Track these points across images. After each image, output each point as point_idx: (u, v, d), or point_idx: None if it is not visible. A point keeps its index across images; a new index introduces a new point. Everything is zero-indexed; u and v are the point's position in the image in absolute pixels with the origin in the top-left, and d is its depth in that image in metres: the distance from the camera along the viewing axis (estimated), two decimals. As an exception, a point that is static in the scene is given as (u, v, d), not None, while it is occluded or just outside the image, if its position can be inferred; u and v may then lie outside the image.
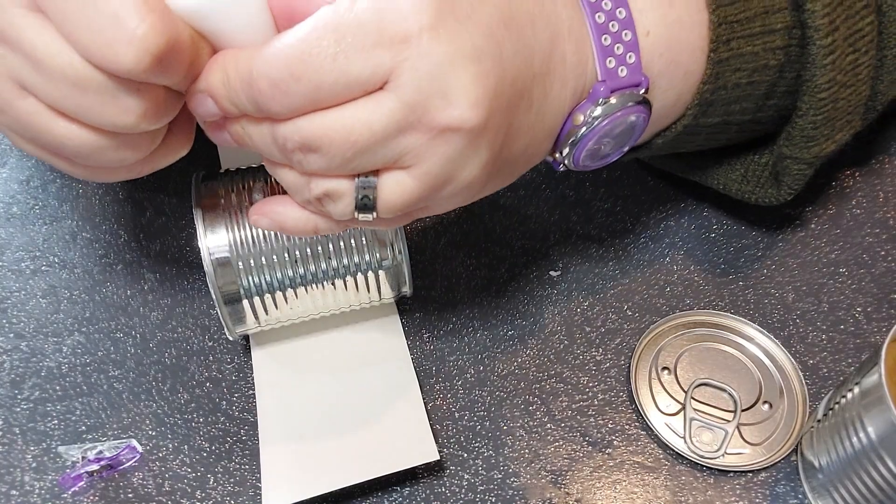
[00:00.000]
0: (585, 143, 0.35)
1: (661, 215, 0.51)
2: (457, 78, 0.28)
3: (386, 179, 0.31)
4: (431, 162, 0.30)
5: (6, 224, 0.51)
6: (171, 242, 0.50)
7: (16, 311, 0.47)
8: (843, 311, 0.46)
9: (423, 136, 0.29)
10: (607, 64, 0.34)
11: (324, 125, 0.29)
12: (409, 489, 0.40)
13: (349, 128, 0.29)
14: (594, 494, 0.40)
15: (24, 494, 0.41)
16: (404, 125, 0.29)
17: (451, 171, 0.30)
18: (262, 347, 0.45)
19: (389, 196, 0.31)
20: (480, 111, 0.29)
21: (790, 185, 0.42)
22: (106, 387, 0.44)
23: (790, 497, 0.40)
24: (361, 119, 0.28)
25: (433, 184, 0.31)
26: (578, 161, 0.36)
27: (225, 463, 0.41)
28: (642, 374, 0.44)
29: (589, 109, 0.34)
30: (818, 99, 0.38)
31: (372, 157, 0.30)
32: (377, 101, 0.28)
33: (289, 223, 0.34)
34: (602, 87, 0.34)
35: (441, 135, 0.29)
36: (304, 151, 0.30)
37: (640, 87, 0.35)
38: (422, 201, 0.31)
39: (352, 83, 0.28)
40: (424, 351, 0.45)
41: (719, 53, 0.36)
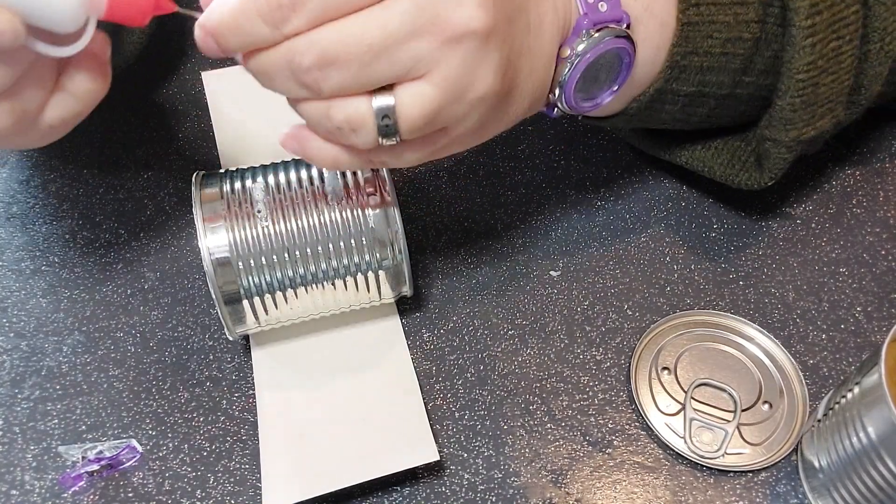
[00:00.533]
0: (574, 77, 0.36)
1: (662, 214, 0.51)
2: None
3: (404, 92, 0.31)
4: (447, 66, 0.31)
5: (6, 224, 0.51)
6: (171, 242, 0.50)
7: (16, 311, 0.47)
8: (843, 311, 0.46)
9: (437, 39, 0.30)
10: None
11: (339, 32, 0.29)
12: (409, 489, 0.40)
13: (364, 31, 0.29)
14: (594, 494, 0.40)
15: (24, 494, 0.41)
16: (417, 27, 0.29)
17: (468, 75, 0.31)
18: (262, 347, 0.45)
19: (410, 110, 0.31)
20: (488, 13, 0.30)
21: (770, 169, 0.43)
22: (106, 386, 0.44)
23: (790, 497, 0.40)
24: (375, 21, 0.29)
25: (452, 90, 0.31)
26: (570, 98, 0.37)
27: (225, 462, 0.41)
28: (642, 373, 0.44)
29: (574, 43, 0.36)
30: (797, 80, 0.39)
31: (388, 64, 0.30)
32: (389, 3, 0.29)
33: (312, 150, 0.35)
34: (585, 20, 0.35)
35: (453, 38, 0.30)
36: (321, 67, 0.30)
37: (621, 23, 0.37)
38: (442, 113, 0.32)
39: None
40: (424, 351, 0.45)
41: (688, 16, 0.38)
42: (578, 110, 0.39)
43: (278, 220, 0.39)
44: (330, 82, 0.31)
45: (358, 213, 0.40)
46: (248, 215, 0.39)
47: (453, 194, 0.52)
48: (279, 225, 0.39)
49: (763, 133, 0.42)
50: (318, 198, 0.40)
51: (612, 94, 0.39)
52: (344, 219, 0.40)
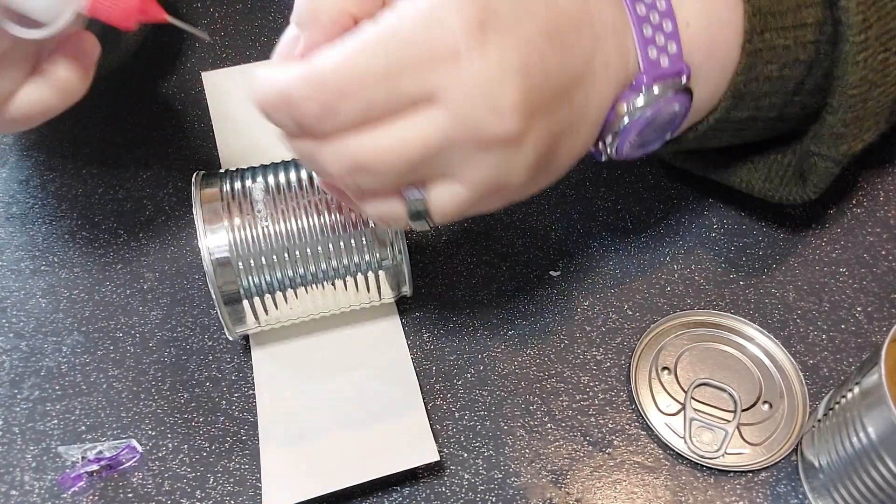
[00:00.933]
0: (629, 133, 0.35)
1: (662, 215, 0.51)
2: (504, 93, 0.29)
3: (436, 190, 0.31)
4: (480, 170, 0.30)
5: (6, 224, 0.51)
6: (171, 242, 0.50)
7: (15, 311, 0.47)
8: (843, 311, 0.46)
9: (472, 148, 0.30)
10: (649, 54, 0.34)
11: (376, 145, 0.29)
12: (409, 489, 0.40)
13: (402, 145, 0.29)
14: (594, 494, 0.40)
15: (24, 494, 0.41)
16: (455, 139, 0.29)
17: (500, 177, 0.31)
18: (262, 347, 0.45)
19: (441, 208, 0.32)
20: (523, 117, 0.29)
21: (816, 183, 0.43)
22: (105, 386, 0.44)
23: (790, 497, 0.40)
24: (415, 135, 0.29)
25: (484, 190, 0.31)
26: (622, 151, 0.36)
27: (225, 463, 0.41)
28: (642, 373, 0.44)
29: (631, 99, 0.34)
30: (849, 96, 0.38)
31: (422, 171, 0.30)
32: (428, 116, 0.29)
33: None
34: (644, 77, 0.34)
35: (487, 146, 0.30)
36: (354, 173, 0.30)
37: (681, 76, 0.35)
38: (473, 208, 0.32)
39: (402, 100, 0.28)
40: (424, 351, 0.45)
41: (754, 44, 0.37)
42: (630, 157, 0.38)
43: (278, 220, 0.39)
44: (362, 185, 0.31)
45: (358, 214, 0.40)
46: (248, 215, 0.39)
47: (453, 194, 0.52)
48: (279, 225, 0.39)
49: (810, 148, 0.42)
50: (318, 198, 0.40)
51: (662, 143, 0.38)
52: (344, 219, 0.40)
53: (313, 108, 0.29)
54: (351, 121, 0.29)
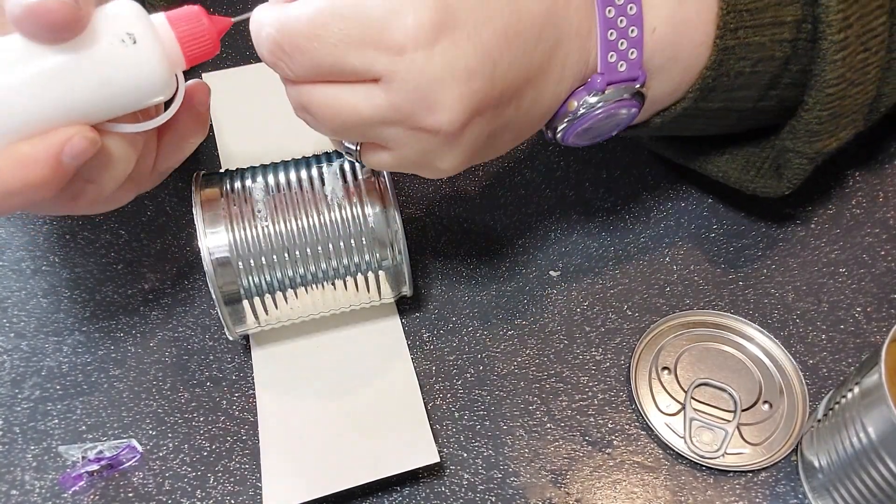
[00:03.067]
0: (575, 128, 0.37)
1: (661, 215, 0.51)
2: (443, 95, 0.30)
3: (367, 148, 0.35)
4: (408, 150, 0.33)
5: (6, 223, 0.51)
6: (172, 242, 0.50)
7: (16, 311, 0.47)
8: (843, 311, 0.46)
9: (404, 130, 0.32)
10: (608, 58, 0.35)
11: (319, 96, 0.32)
12: (409, 489, 0.40)
13: (339, 106, 0.32)
14: (594, 494, 0.40)
15: (24, 494, 0.41)
16: (388, 120, 0.32)
17: (427, 159, 0.34)
18: (263, 347, 0.45)
19: (369, 161, 0.36)
20: (460, 122, 0.31)
21: (790, 178, 0.43)
22: (106, 386, 0.44)
23: (790, 497, 0.40)
24: (351, 102, 0.32)
25: (409, 165, 0.35)
26: (567, 141, 0.38)
27: (225, 462, 0.41)
28: (642, 373, 0.44)
29: (583, 98, 0.35)
30: (826, 94, 0.38)
31: (355, 135, 0.34)
32: (368, 91, 0.31)
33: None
34: (599, 79, 0.35)
35: (420, 132, 0.32)
36: (301, 111, 0.34)
37: (636, 82, 0.36)
38: (400, 169, 0.36)
39: (346, 71, 0.31)
40: (424, 351, 0.45)
41: (725, 41, 0.37)
42: (571, 145, 0.39)
43: (278, 220, 0.39)
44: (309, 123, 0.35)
45: (358, 214, 0.40)
46: (248, 215, 0.39)
47: (453, 194, 0.52)
48: (279, 225, 0.39)
49: (785, 144, 0.42)
50: (318, 198, 0.40)
51: (606, 138, 0.39)
52: (344, 219, 0.40)
53: (274, 50, 0.32)
54: (303, 71, 0.32)
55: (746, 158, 0.45)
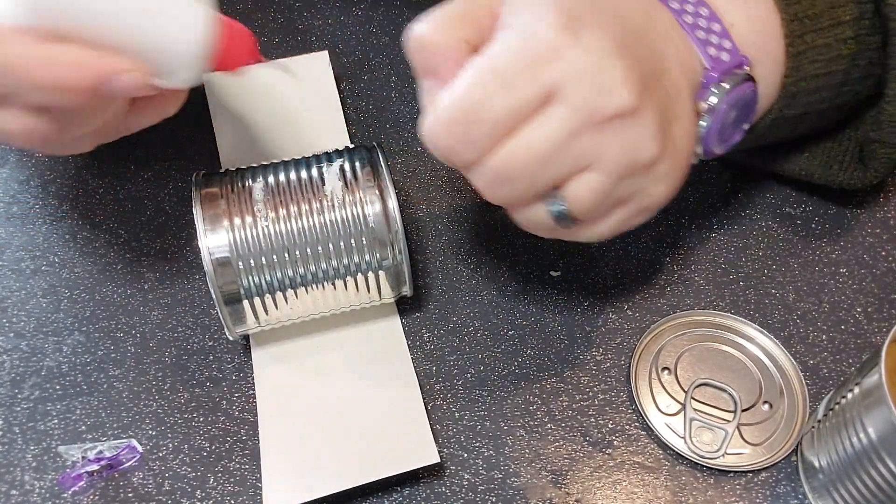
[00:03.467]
0: (713, 129, 0.37)
1: (661, 214, 0.51)
2: (610, 72, 0.31)
3: (572, 186, 0.33)
4: (609, 151, 0.33)
5: (6, 223, 0.51)
6: (171, 242, 0.50)
7: (16, 311, 0.47)
8: (843, 312, 0.46)
9: (595, 130, 0.32)
10: (709, 52, 0.37)
11: (509, 153, 0.32)
12: (409, 489, 0.40)
13: (531, 145, 0.32)
14: (594, 494, 0.40)
15: (24, 494, 0.41)
16: (577, 127, 0.32)
17: (630, 154, 0.33)
18: (263, 347, 0.45)
19: (580, 198, 0.34)
20: (635, 91, 0.32)
21: (877, 168, 0.45)
22: (106, 386, 0.44)
23: (790, 497, 0.40)
24: (541, 134, 0.32)
25: (619, 170, 0.33)
26: (710, 147, 0.38)
27: (225, 463, 0.41)
28: (642, 373, 0.44)
29: (707, 97, 0.37)
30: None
31: (555, 168, 0.33)
32: (549, 114, 0.32)
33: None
34: (713, 73, 0.37)
35: (608, 125, 0.32)
36: (497, 186, 0.33)
37: (743, 66, 0.38)
38: (614, 192, 0.34)
39: (522, 106, 0.31)
40: (424, 351, 0.45)
41: (796, 47, 0.39)
42: (713, 155, 0.40)
43: (278, 220, 0.39)
44: (504, 196, 0.34)
45: (358, 213, 0.40)
46: (248, 215, 0.39)
47: (453, 194, 0.52)
48: (279, 225, 0.39)
49: (869, 136, 0.44)
50: (318, 198, 0.40)
51: (742, 133, 0.40)
52: (344, 219, 0.40)
53: (449, 143, 0.32)
54: (484, 142, 0.32)
55: (826, 154, 0.46)
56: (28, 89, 0.34)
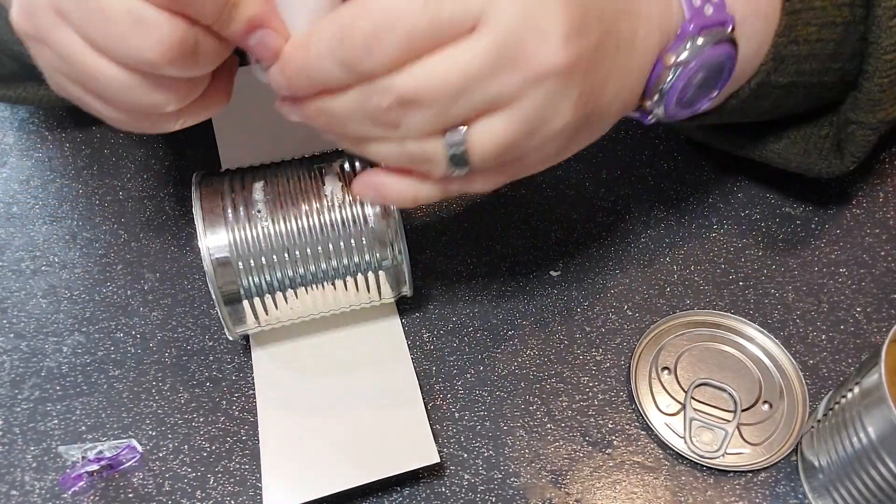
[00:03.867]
0: (676, 87, 0.34)
1: (662, 215, 0.51)
2: (546, 13, 0.28)
3: (477, 127, 0.30)
4: (526, 103, 0.30)
5: (6, 224, 0.51)
6: (171, 242, 0.50)
7: (16, 311, 0.47)
8: (843, 311, 0.46)
9: (518, 76, 0.29)
10: (693, 2, 0.34)
11: (421, 75, 0.29)
12: (409, 489, 0.40)
13: (446, 73, 0.28)
14: (594, 494, 0.40)
15: (24, 494, 0.41)
16: (500, 64, 0.28)
17: (545, 112, 0.30)
18: (263, 347, 0.45)
19: (482, 146, 0.31)
20: (572, 48, 0.29)
21: (853, 152, 0.43)
22: (106, 387, 0.44)
23: (790, 497, 0.40)
24: (458, 62, 0.28)
25: (527, 126, 0.30)
26: (670, 108, 0.35)
27: (225, 463, 0.41)
28: (642, 373, 0.44)
29: (678, 49, 0.34)
30: (885, 60, 0.39)
31: (469, 102, 0.29)
32: (471, 42, 0.28)
33: (391, 194, 0.34)
34: (690, 25, 0.34)
35: (535, 77, 0.29)
36: (401, 107, 0.29)
37: (726, 25, 0.35)
38: (514, 147, 0.31)
39: (444, 27, 0.28)
40: (424, 351, 0.45)
41: (793, 3, 0.37)
42: (676, 118, 0.37)
43: (278, 220, 0.39)
44: (409, 122, 0.30)
45: (358, 213, 0.40)
46: (248, 215, 0.39)
47: (453, 195, 0.52)
48: (279, 225, 0.39)
49: (848, 116, 0.42)
50: (318, 198, 0.40)
51: (710, 100, 0.38)
52: (344, 219, 0.40)
53: (360, 40, 0.28)
54: (396, 53, 0.28)
55: (806, 140, 0.45)
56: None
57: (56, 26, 0.29)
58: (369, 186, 0.35)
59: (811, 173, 0.46)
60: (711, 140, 0.50)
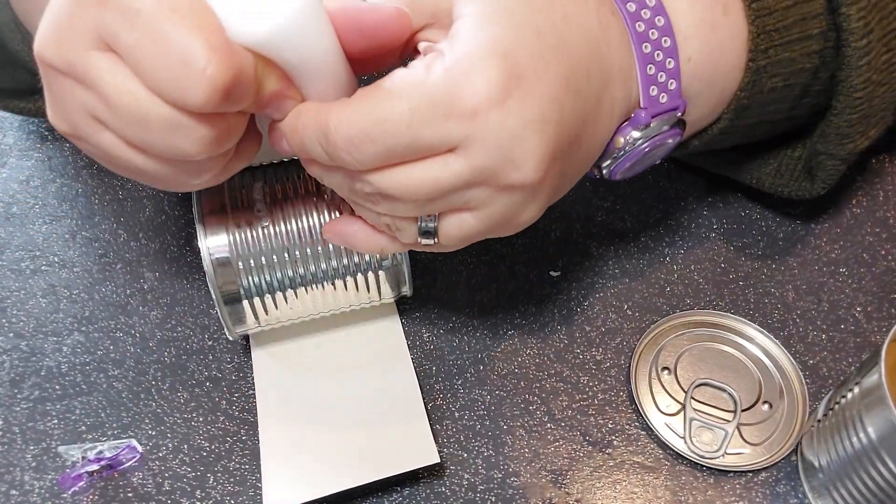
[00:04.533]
0: (624, 163, 0.37)
1: (662, 214, 0.51)
2: (522, 146, 0.30)
3: (448, 219, 0.33)
4: (493, 209, 0.32)
5: (6, 223, 0.51)
6: (171, 242, 0.50)
7: (15, 311, 0.47)
8: (843, 311, 0.46)
9: (488, 190, 0.31)
10: (650, 92, 0.35)
11: (395, 180, 0.31)
12: (409, 489, 0.40)
13: (419, 183, 0.31)
14: (594, 494, 0.40)
15: (24, 494, 0.41)
16: (471, 183, 0.31)
17: (511, 215, 0.33)
18: (263, 347, 0.45)
19: (450, 233, 0.33)
20: (542, 171, 0.31)
21: (824, 179, 0.44)
22: (105, 386, 0.44)
23: (790, 497, 0.40)
24: (431, 176, 0.30)
25: (493, 226, 0.33)
26: (615, 176, 0.38)
27: (225, 462, 0.41)
28: (642, 373, 0.44)
29: (629, 133, 0.36)
30: (854, 98, 0.39)
31: (441, 204, 0.32)
32: (446, 162, 0.30)
33: (358, 243, 0.37)
34: (644, 113, 0.35)
35: (505, 190, 0.31)
36: (380, 196, 0.32)
37: (677, 111, 0.37)
38: (480, 237, 0.34)
39: (422, 148, 0.30)
40: (424, 351, 0.45)
41: (758, 62, 0.38)
42: (619, 179, 0.39)
43: (278, 220, 0.39)
44: (385, 206, 0.32)
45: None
46: (248, 215, 0.39)
47: (453, 194, 0.52)
48: (279, 225, 0.39)
49: (817, 148, 0.43)
50: (318, 198, 0.40)
51: (649, 166, 0.39)
52: (344, 219, 0.40)
53: (340, 142, 0.30)
54: (374, 160, 0.30)
55: (779, 163, 0.46)
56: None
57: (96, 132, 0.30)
58: (338, 235, 0.38)
59: (782, 195, 0.46)
60: (687, 159, 0.51)
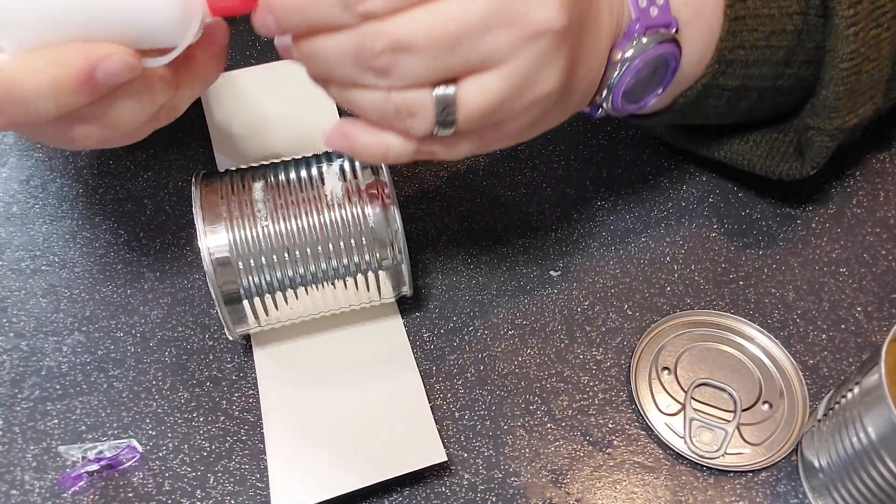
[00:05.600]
0: (623, 81, 0.37)
1: (662, 214, 0.51)
2: None
3: (469, 84, 0.31)
4: (519, 61, 0.30)
5: (6, 223, 0.51)
6: (171, 241, 0.50)
7: (16, 311, 0.47)
8: (843, 311, 0.46)
9: (515, 34, 0.29)
10: (639, 4, 0.36)
11: (417, 20, 0.29)
12: (409, 489, 0.40)
13: (445, 20, 0.29)
14: (594, 494, 0.40)
15: (24, 494, 0.41)
16: (497, 19, 0.29)
17: (536, 72, 0.31)
18: (263, 347, 0.45)
19: (471, 102, 0.31)
20: (567, 13, 0.30)
21: (813, 157, 0.44)
22: (106, 386, 0.44)
23: (790, 497, 0.40)
24: (456, 11, 0.29)
25: (518, 85, 0.31)
26: (617, 101, 0.38)
27: (225, 462, 0.41)
28: (642, 373, 0.44)
29: (625, 47, 0.36)
30: (840, 69, 0.39)
31: (464, 54, 0.29)
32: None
33: (360, 145, 0.34)
34: (636, 24, 0.36)
35: (531, 35, 0.30)
36: (394, 52, 0.29)
37: (670, 27, 0.37)
38: (503, 107, 0.32)
39: None
40: (425, 350, 0.45)
41: (735, 10, 0.38)
42: (623, 112, 0.39)
43: (278, 220, 0.39)
44: (400, 69, 0.30)
45: (358, 213, 0.40)
46: (248, 215, 0.39)
47: (453, 194, 0.52)
48: (279, 225, 0.39)
49: (806, 122, 0.43)
50: (318, 198, 0.40)
51: (656, 96, 0.40)
52: (344, 219, 0.40)
53: None
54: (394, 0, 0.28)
55: (770, 144, 0.46)
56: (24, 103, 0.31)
57: None
58: (341, 134, 0.34)
59: (773, 176, 0.46)
60: (678, 140, 0.51)
